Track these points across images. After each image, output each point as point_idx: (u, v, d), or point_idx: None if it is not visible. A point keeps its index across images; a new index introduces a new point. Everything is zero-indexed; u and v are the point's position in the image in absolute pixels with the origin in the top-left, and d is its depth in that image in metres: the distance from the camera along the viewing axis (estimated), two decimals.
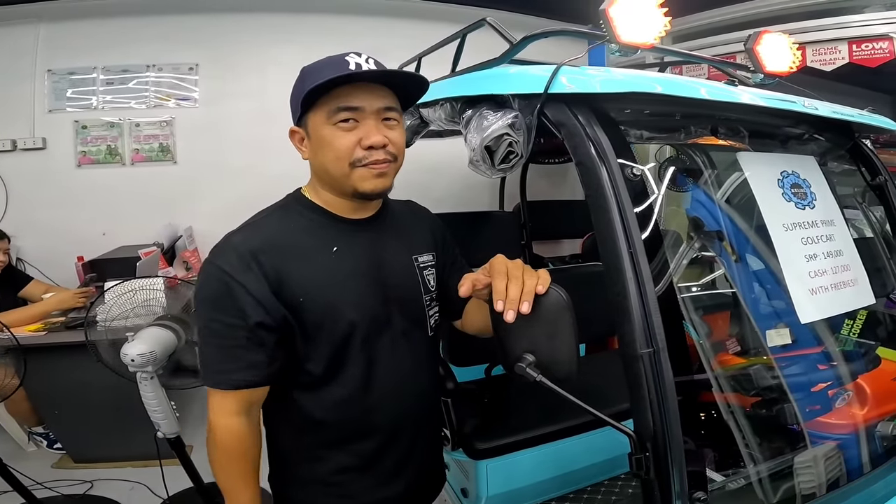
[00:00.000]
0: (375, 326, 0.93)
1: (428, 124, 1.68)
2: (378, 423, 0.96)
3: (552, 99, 0.88)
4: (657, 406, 0.78)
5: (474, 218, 2.84)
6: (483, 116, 0.99)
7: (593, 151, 0.83)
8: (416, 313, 1.00)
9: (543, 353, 0.83)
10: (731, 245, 1.28)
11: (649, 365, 0.78)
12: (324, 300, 0.88)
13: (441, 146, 3.04)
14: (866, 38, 2.65)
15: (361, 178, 0.88)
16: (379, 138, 0.86)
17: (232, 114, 3.24)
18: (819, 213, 1.08)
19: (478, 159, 0.97)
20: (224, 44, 3.23)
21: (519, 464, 1.69)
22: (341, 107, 0.85)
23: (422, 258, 1.03)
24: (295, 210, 0.94)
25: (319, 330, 0.88)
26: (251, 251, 0.85)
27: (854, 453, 1.14)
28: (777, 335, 1.38)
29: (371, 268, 0.94)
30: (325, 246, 0.91)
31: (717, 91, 0.96)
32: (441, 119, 1.43)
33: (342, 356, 0.90)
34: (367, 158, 0.87)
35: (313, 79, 0.83)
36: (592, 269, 2.07)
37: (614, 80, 0.86)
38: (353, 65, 0.84)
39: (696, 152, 1.27)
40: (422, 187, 3.63)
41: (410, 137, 1.86)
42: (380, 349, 0.93)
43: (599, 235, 0.82)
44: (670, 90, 0.87)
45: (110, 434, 2.40)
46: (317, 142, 0.89)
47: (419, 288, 1.01)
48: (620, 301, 0.79)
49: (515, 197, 3.63)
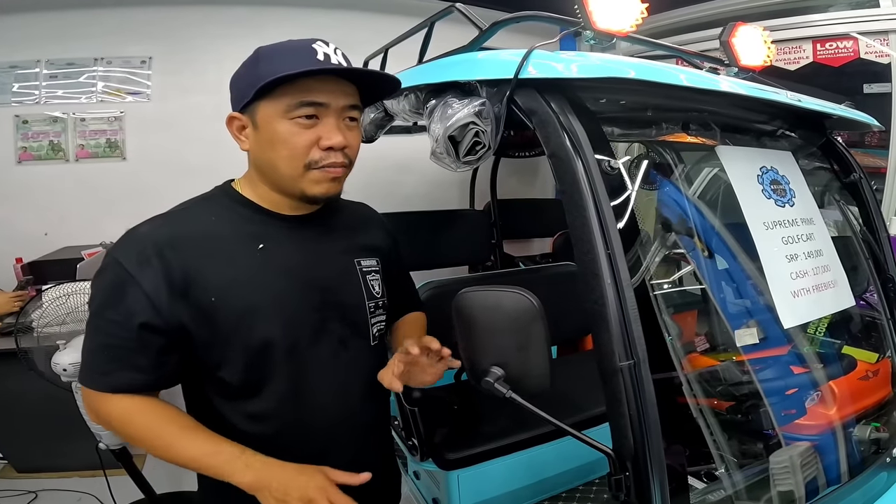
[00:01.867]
0: (307, 334, 0.84)
1: (392, 118, 1.59)
2: (312, 439, 0.86)
3: (523, 85, 0.81)
4: (638, 422, 0.72)
5: (444, 217, 2.76)
6: (447, 105, 0.91)
7: (567, 142, 0.75)
8: (358, 320, 0.92)
9: (513, 366, 0.76)
10: (705, 243, 1.24)
11: (629, 378, 0.71)
12: (241, 302, 0.79)
13: (409, 142, 2.95)
14: (830, 37, 2.68)
15: (314, 181, 0.81)
16: (339, 139, 0.80)
17: (188, 109, 3.07)
18: (798, 210, 1.04)
19: (441, 151, 0.88)
20: (180, 37, 3.08)
21: (491, 473, 1.62)
22: (304, 101, 0.77)
23: (365, 262, 0.95)
24: (220, 202, 0.86)
25: (234, 335, 0.79)
26: (155, 245, 0.77)
27: (832, 458, 1.11)
28: (746, 334, 1.36)
29: (304, 269, 0.85)
30: (250, 242, 0.82)
31: (700, 79, 0.90)
32: (405, 111, 1.34)
33: (262, 367, 0.81)
34: (323, 160, 0.80)
35: (274, 66, 0.75)
36: (564, 269, 2.02)
37: (591, 64, 0.79)
38: (321, 55, 0.77)
39: (670, 150, 1.22)
40: (389, 185, 3.56)
41: (374, 132, 1.77)
42: (312, 360, 0.84)
43: (574, 235, 0.74)
44: (651, 76, 0.81)
45: (54, 443, 2.28)
46: (267, 135, 0.79)
47: (362, 293, 0.92)
48: (598, 308, 0.72)
49: (486, 195, 3.58)
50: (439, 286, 1.73)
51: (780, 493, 1.06)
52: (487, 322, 0.76)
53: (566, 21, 0.96)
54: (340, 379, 0.88)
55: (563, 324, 2.01)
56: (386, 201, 3.25)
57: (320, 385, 0.86)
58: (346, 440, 0.90)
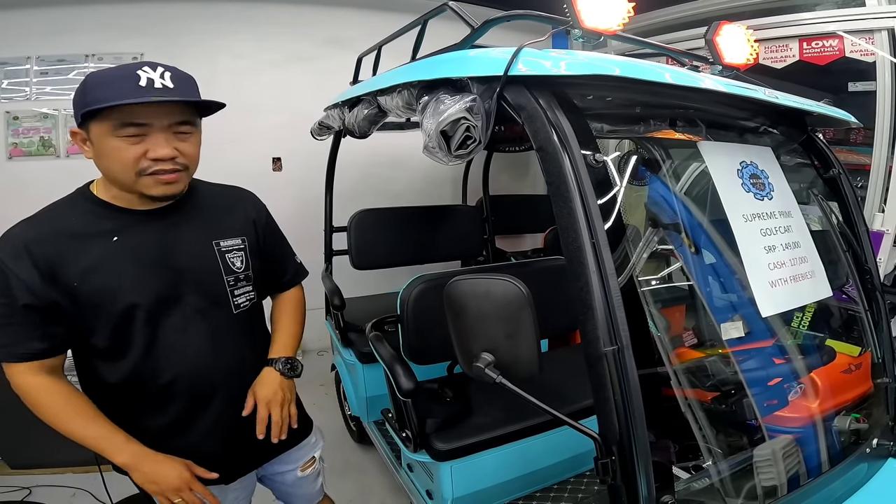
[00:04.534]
0: (161, 306, 0.99)
1: (386, 113, 1.60)
2: (175, 392, 1.02)
3: (512, 81, 0.83)
4: (622, 407, 0.74)
5: (436, 212, 2.78)
6: (440, 101, 0.93)
7: (555, 137, 0.78)
8: (215, 293, 1.07)
9: (503, 353, 0.79)
10: (690, 237, 1.27)
11: (613, 364, 0.74)
12: (99, 284, 0.94)
13: (402, 139, 2.97)
14: (816, 35, 2.72)
15: (148, 185, 0.94)
16: (166, 151, 0.91)
17: None
18: (777, 204, 1.07)
19: (433, 145, 0.91)
20: (171, 32, 3.07)
21: (484, 464, 1.64)
22: (127, 122, 0.88)
23: (225, 242, 1.09)
24: (77, 204, 0.99)
25: (97, 309, 0.94)
26: (25, 243, 0.91)
27: (812, 449, 1.15)
28: (731, 328, 1.39)
29: (159, 253, 0.99)
30: (105, 235, 0.96)
31: (682, 76, 0.93)
32: (398, 107, 1.36)
33: (124, 333, 0.97)
34: (151, 168, 0.92)
35: (98, 94, 0.86)
36: (555, 264, 2.04)
37: (578, 62, 0.81)
38: (144, 80, 0.87)
39: (656, 146, 1.24)
40: (383, 181, 3.58)
41: (368, 128, 1.78)
42: (167, 327, 1.00)
43: (561, 226, 0.77)
44: (636, 74, 0.83)
45: (48, 439, 2.21)
46: (100, 149, 0.91)
47: (219, 270, 1.07)
48: (583, 296, 0.75)
49: (478, 191, 3.61)
50: (430, 280, 1.75)
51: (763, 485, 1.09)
52: (477, 309, 0.78)
53: (556, 20, 0.98)
54: (200, 342, 1.03)
55: (553, 317, 2.03)
56: (379, 197, 3.30)
57: (177, 348, 1.01)
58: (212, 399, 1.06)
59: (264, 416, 1.08)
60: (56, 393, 0.96)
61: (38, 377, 0.95)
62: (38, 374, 0.95)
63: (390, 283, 2.64)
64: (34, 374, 0.95)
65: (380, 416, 2.25)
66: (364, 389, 2.25)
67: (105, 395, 1.01)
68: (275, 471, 1.28)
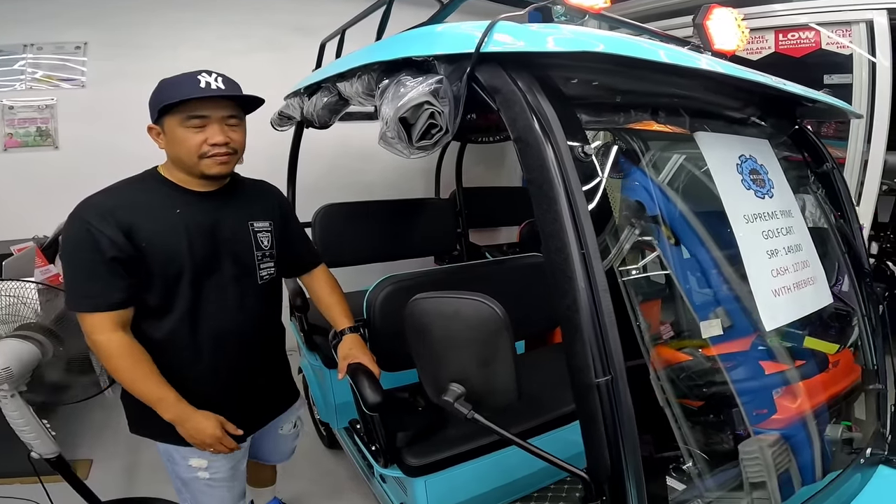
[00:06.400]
0: (205, 270, 1.20)
1: (347, 101, 1.46)
2: (208, 345, 1.23)
3: (485, 60, 0.70)
4: (616, 443, 0.64)
5: (407, 206, 2.65)
6: (400, 84, 0.80)
7: (536, 125, 0.66)
8: (247, 264, 1.28)
9: (476, 383, 0.67)
10: (676, 234, 1.18)
11: (606, 395, 0.63)
12: (163, 246, 1.14)
13: (372, 130, 2.82)
14: (792, 27, 2.68)
15: (208, 165, 1.17)
16: (221, 138, 1.14)
17: (133, 96, 2.81)
18: (777, 202, 0.98)
19: (391, 135, 0.78)
20: (122, 23, 2.90)
21: (460, 477, 1.54)
22: (192, 115, 1.12)
23: (257, 224, 1.31)
24: (148, 181, 1.21)
25: (159, 267, 1.14)
26: (108, 208, 1.10)
27: (806, 460, 1.08)
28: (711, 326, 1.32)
29: (209, 226, 1.21)
30: (170, 208, 1.17)
31: (681, 55, 0.82)
32: (359, 93, 1.22)
33: (174, 291, 1.17)
34: (210, 152, 1.15)
35: (169, 93, 1.10)
36: (532, 260, 1.94)
37: (563, 37, 0.69)
38: (203, 83, 1.10)
39: (641, 138, 1.14)
40: (352, 173, 3.42)
41: (329, 118, 1.64)
42: (207, 287, 1.21)
43: (544, 230, 0.65)
44: (630, 51, 0.71)
45: None
46: (172, 138, 1.15)
47: (251, 246, 1.29)
48: (570, 315, 0.63)
49: (452, 183, 3.48)
50: (399, 281, 1.62)
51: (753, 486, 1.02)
52: (445, 333, 0.67)
53: None
54: (231, 302, 1.25)
55: (531, 318, 1.94)
56: (348, 189, 3.14)
57: (213, 305, 1.22)
58: (234, 347, 1.27)
59: (342, 365, 1.38)
60: (129, 353, 1.12)
61: (116, 333, 1.11)
62: (116, 329, 1.11)
63: (358, 280, 2.51)
64: (113, 329, 1.10)
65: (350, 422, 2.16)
66: (332, 395, 2.13)
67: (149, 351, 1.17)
68: (261, 431, 1.47)
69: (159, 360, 1.18)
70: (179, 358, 1.21)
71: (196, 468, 1.30)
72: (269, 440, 1.54)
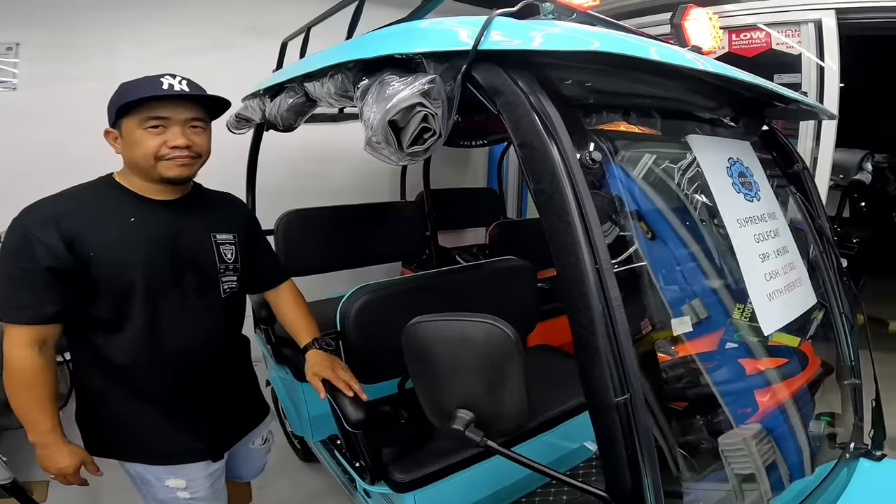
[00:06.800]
0: (163, 283, 1.14)
1: (315, 103, 1.38)
2: (167, 362, 1.15)
3: (483, 58, 0.65)
4: (636, 462, 0.60)
5: (374, 210, 2.56)
6: (385, 84, 0.74)
7: (542, 129, 0.61)
8: (209, 277, 1.22)
9: (484, 408, 0.62)
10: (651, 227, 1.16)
11: (626, 414, 0.59)
12: (113, 257, 1.07)
13: (336, 132, 2.72)
14: (744, 27, 2.76)
15: (165, 168, 1.10)
16: (181, 140, 1.09)
17: (70, 98, 2.69)
18: (764, 205, 0.97)
19: (378, 140, 0.71)
20: (58, 20, 2.69)
21: (449, 489, 1.49)
22: (151, 116, 1.07)
23: (220, 236, 1.24)
24: (101, 188, 1.15)
25: (107, 279, 1.07)
26: (52, 214, 1.04)
27: (791, 459, 1.08)
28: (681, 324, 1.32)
29: (168, 236, 1.14)
30: (123, 216, 1.11)
31: (679, 57, 0.79)
32: (330, 94, 1.14)
33: (126, 304, 1.10)
34: (170, 154, 1.09)
35: (129, 94, 1.05)
36: (508, 264, 1.90)
37: (571, 36, 0.64)
38: (166, 85, 1.06)
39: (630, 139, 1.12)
40: (315, 176, 3.30)
41: (294, 120, 1.54)
42: (166, 302, 1.14)
43: (556, 244, 0.60)
44: (657, 56, 0.67)
45: None
46: (129, 141, 1.09)
47: (214, 258, 1.22)
48: (586, 336, 0.59)
49: (418, 185, 3.42)
50: (374, 290, 1.55)
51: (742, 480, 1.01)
52: (450, 357, 0.62)
53: None
54: (192, 318, 1.18)
55: (510, 321, 1.90)
56: (312, 193, 3.02)
57: (173, 321, 1.15)
58: (199, 364, 1.20)
59: (319, 385, 1.28)
60: (32, 376, 1.05)
61: (31, 351, 1.05)
62: (33, 346, 1.05)
63: (325, 288, 2.41)
64: (30, 345, 1.04)
65: (327, 433, 2.07)
66: (306, 409, 2.04)
67: (102, 373, 1.13)
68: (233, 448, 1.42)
69: (121, 383, 1.13)
70: (142, 378, 1.15)
71: (174, 488, 1.24)
72: (240, 455, 1.48)
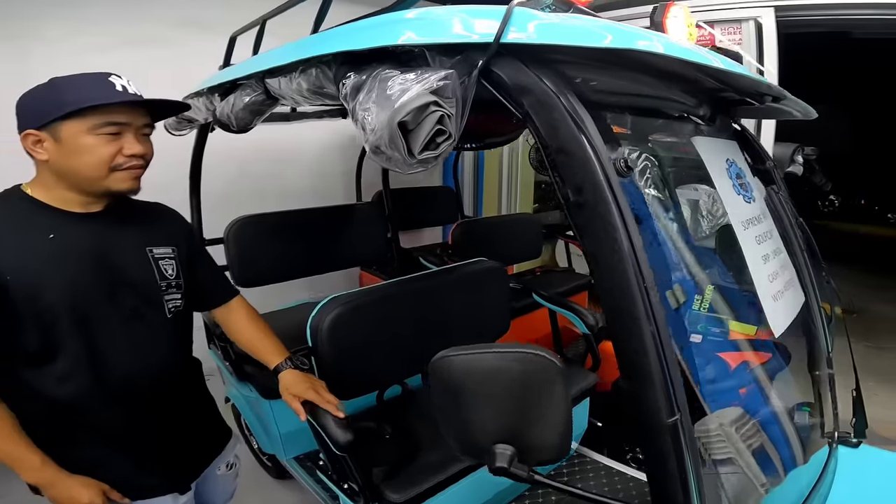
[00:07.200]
0: (98, 306, 1.01)
1: (276, 100, 1.25)
2: (114, 393, 1.03)
3: (506, 53, 0.58)
4: (684, 480, 0.57)
5: (331, 213, 2.42)
6: (384, 79, 0.65)
7: (581, 136, 0.55)
8: (150, 296, 1.10)
9: (525, 440, 0.57)
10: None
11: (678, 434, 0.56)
12: (30, 280, 0.95)
13: (286, 132, 2.56)
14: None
15: (120, 179, 1.00)
16: (140, 148, 1.01)
17: None
18: (758, 206, 0.97)
19: (384, 145, 0.62)
20: None
21: (444, 503, 1.45)
22: (109, 122, 0.96)
23: (157, 250, 1.13)
24: (9, 201, 1.02)
25: (25, 305, 0.95)
26: None
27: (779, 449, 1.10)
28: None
29: (95, 254, 1.02)
30: (40, 233, 0.99)
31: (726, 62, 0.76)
32: (301, 91, 1.03)
33: (52, 332, 0.97)
34: (126, 164, 1.00)
35: (75, 95, 0.94)
36: (479, 267, 1.85)
37: (605, 33, 0.59)
38: (119, 86, 0.97)
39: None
40: (264, 178, 3.09)
41: (251, 120, 1.40)
42: (103, 327, 1.02)
43: (600, 262, 0.54)
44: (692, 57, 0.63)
45: None
46: (73, 148, 0.96)
47: (153, 275, 1.11)
48: (637, 360, 0.54)
49: (373, 186, 3.31)
50: (347, 302, 1.45)
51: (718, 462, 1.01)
52: (487, 391, 0.55)
53: None
54: (137, 341, 1.06)
55: (486, 325, 1.85)
56: (262, 196, 2.84)
57: (114, 347, 1.03)
58: (151, 391, 1.09)
59: (299, 407, 1.20)
60: None
61: None
62: None
63: (274, 299, 2.29)
64: None
65: (301, 450, 1.94)
66: (276, 427, 1.90)
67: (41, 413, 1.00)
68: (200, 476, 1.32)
69: (66, 422, 1.01)
70: (88, 413, 1.02)
71: None
72: (208, 483, 1.37)
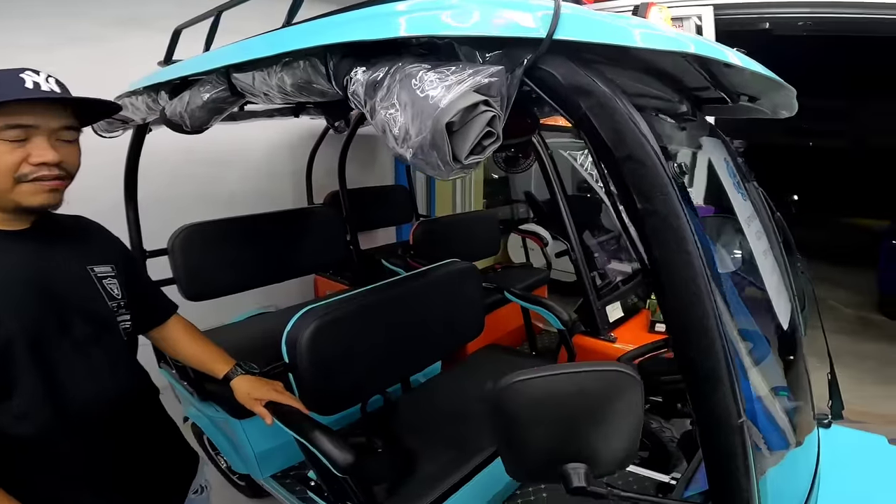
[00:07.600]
0: (48, 334, 0.92)
1: (240, 97, 1.15)
2: (75, 427, 0.95)
3: (557, 50, 0.54)
4: (748, 477, 0.57)
5: (287, 217, 2.29)
6: (412, 75, 0.58)
7: (644, 139, 0.52)
8: (104, 318, 1.01)
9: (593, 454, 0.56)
10: None
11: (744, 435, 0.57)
12: None
13: (231, 132, 2.39)
14: None
15: (28, 193, 0.88)
16: (52, 156, 0.87)
17: None
18: (751, 203, 0.99)
19: (426, 149, 0.56)
20: None
21: None
22: (11, 124, 0.84)
23: (98, 269, 1.04)
24: None
25: None
26: None
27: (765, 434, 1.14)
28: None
29: (34, 277, 0.93)
30: None
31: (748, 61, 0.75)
32: (284, 87, 0.94)
33: (10, 369, 0.88)
34: (34, 174, 0.87)
35: None
36: (453, 268, 1.82)
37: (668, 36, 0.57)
38: (30, 83, 0.85)
39: None
40: (205, 182, 2.87)
41: (208, 119, 1.26)
42: (58, 355, 0.93)
43: (671, 274, 0.52)
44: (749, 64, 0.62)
45: None
46: None
47: (101, 296, 1.02)
48: (708, 364, 0.55)
49: (323, 188, 3.18)
50: (325, 314, 1.37)
51: None
52: (559, 414, 0.52)
53: None
54: (94, 367, 0.97)
55: (458, 327, 1.81)
56: (205, 200, 2.63)
57: (72, 377, 0.94)
58: (113, 420, 0.99)
59: (264, 411, 1.18)
60: None
61: None
62: None
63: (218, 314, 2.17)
64: None
65: (277, 468, 1.85)
66: (250, 446, 1.79)
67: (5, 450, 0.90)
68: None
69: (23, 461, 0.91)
70: (49, 449, 0.92)
71: None
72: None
